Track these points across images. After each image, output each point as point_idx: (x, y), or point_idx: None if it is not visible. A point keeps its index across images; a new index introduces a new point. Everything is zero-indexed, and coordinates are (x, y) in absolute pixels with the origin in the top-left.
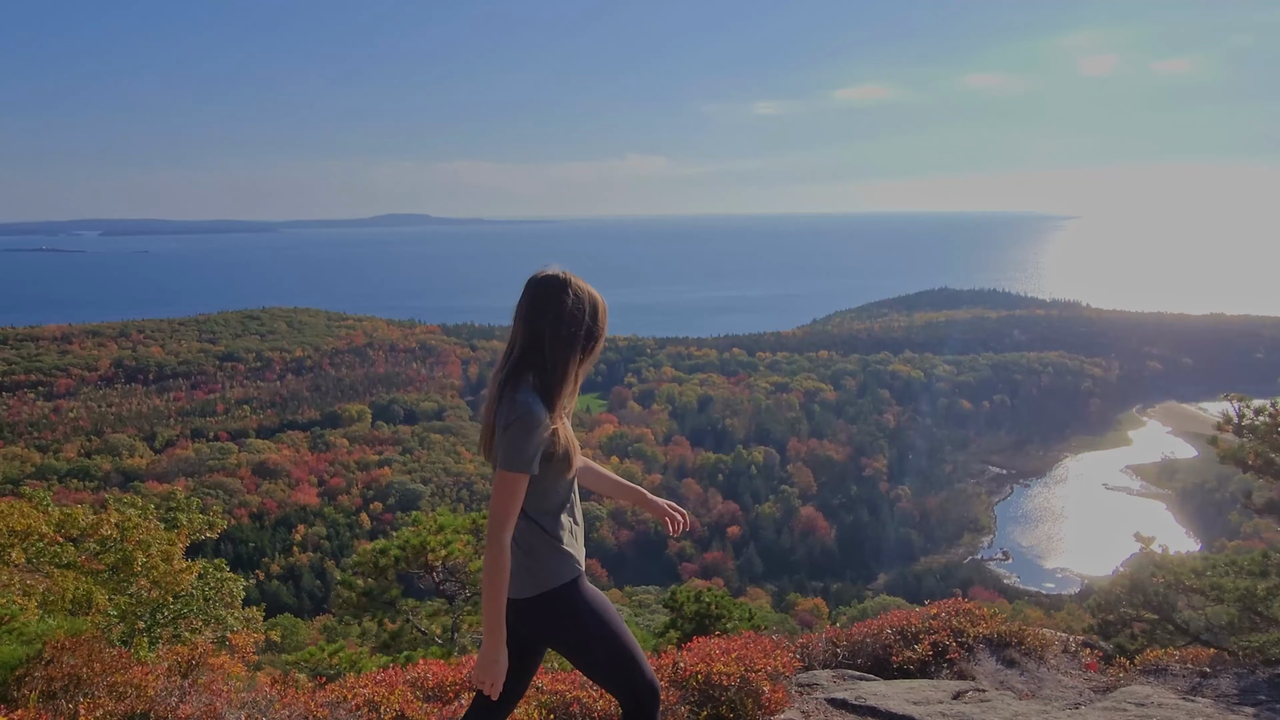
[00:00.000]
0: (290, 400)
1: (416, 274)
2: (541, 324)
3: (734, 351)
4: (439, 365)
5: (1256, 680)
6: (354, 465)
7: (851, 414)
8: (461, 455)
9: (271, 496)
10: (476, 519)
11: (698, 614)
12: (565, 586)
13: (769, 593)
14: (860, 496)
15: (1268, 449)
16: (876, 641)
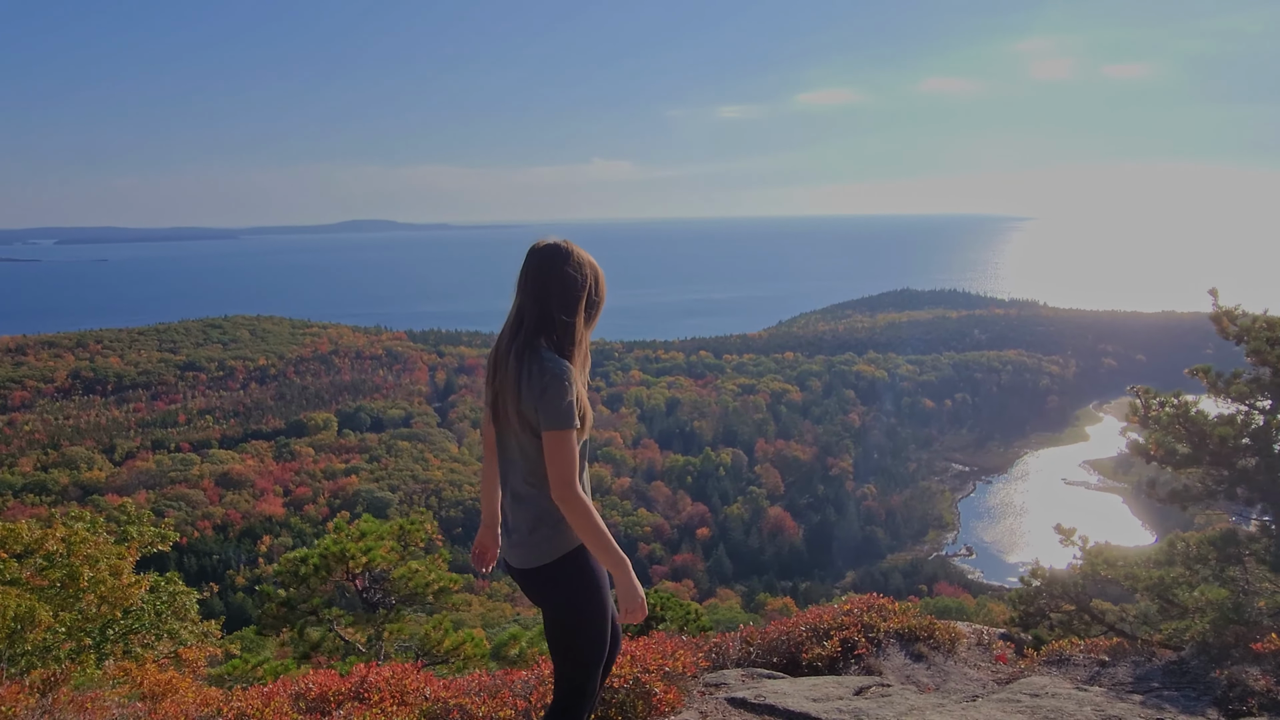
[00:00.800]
0: (254, 409)
1: (382, 280)
2: (547, 292)
3: (701, 354)
4: (405, 372)
5: (1152, 668)
6: (320, 474)
7: (817, 414)
8: (430, 462)
9: (235, 507)
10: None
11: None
12: (573, 554)
13: (739, 593)
14: (827, 496)
15: (1170, 439)
16: (790, 639)
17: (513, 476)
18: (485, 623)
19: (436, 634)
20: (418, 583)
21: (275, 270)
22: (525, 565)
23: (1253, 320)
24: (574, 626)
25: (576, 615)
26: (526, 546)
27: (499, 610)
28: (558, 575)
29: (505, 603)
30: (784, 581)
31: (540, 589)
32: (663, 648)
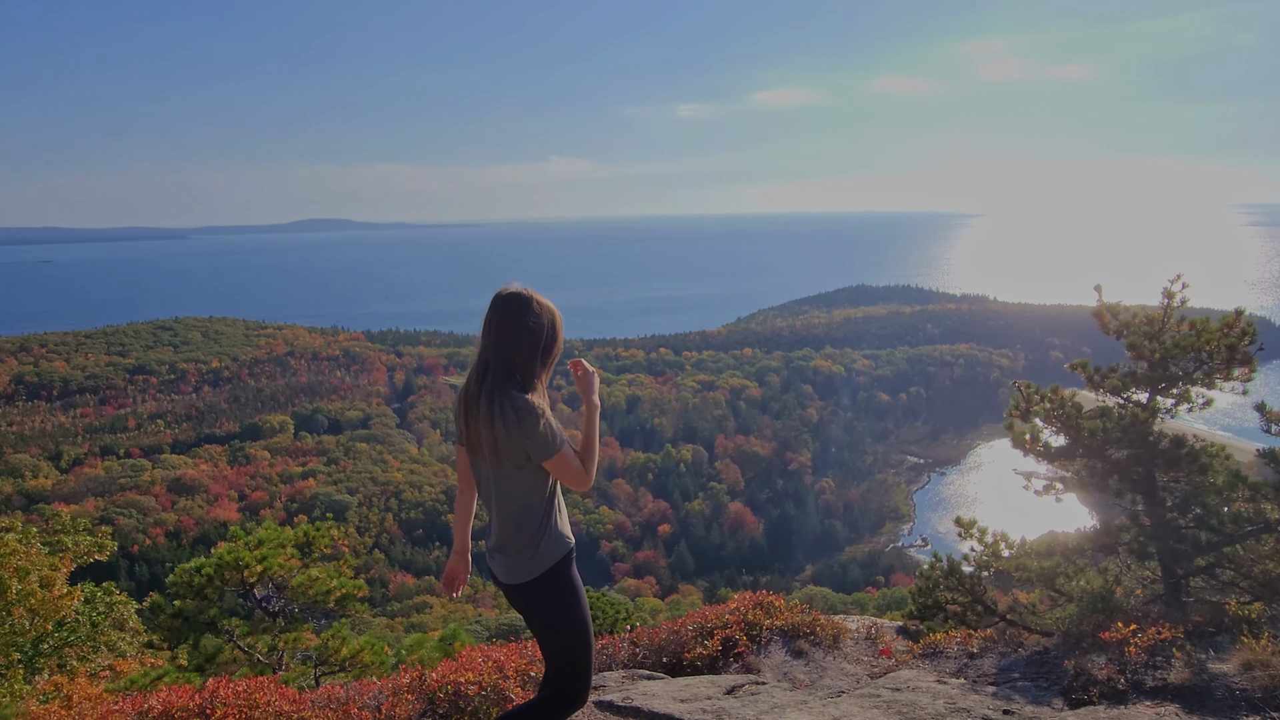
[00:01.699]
0: (207, 413)
1: (339, 280)
2: (511, 339)
3: (661, 351)
4: (364, 373)
5: (1017, 659)
6: (276, 478)
7: (776, 410)
8: (389, 464)
9: (189, 513)
10: (308, 531)
11: None
12: (563, 560)
13: (701, 589)
14: (786, 490)
15: (1047, 433)
16: (676, 639)
17: (497, 502)
18: (446, 624)
19: (334, 642)
20: (318, 590)
21: (228, 271)
22: (517, 581)
23: (1133, 315)
24: (566, 632)
25: (566, 622)
26: (517, 564)
27: (460, 612)
28: (547, 588)
29: (467, 604)
30: (745, 576)
31: (532, 601)
32: (531, 652)
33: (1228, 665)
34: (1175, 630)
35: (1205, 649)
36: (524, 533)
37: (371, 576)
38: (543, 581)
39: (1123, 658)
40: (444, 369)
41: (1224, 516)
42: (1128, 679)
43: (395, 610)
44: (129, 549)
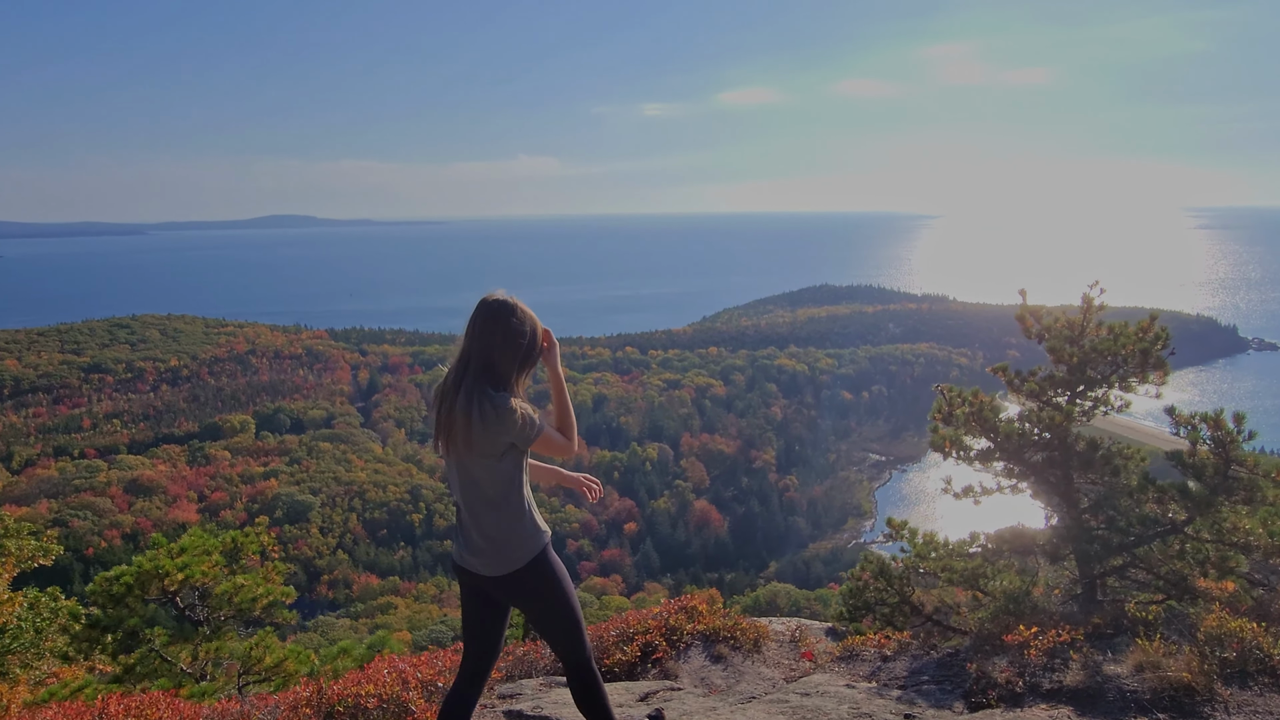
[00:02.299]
0: (165, 412)
1: (302, 277)
2: (492, 342)
3: (627, 350)
4: (327, 371)
5: (929, 661)
6: (237, 478)
7: (741, 408)
8: (353, 463)
9: (146, 515)
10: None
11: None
12: (543, 551)
13: (666, 587)
14: (751, 488)
15: (967, 437)
16: (599, 646)
17: (474, 498)
18: (412, 625)
19: (257, 651)
20: (243, 598)
21: (188, 267)
22: (503, 571)
23: (1054, 320)
24: (563, 608)
25: (556, 605)
26: (502, 555)
27: (425, 612)
28: (534, 574)
29: (432, 604)
30: (710, 573)
31: (521, 590)
32: (441, 662)
33: (1122, 667)
34: (1075, 632)
35: (1104, 650)
36: (504, 524)
37: (335, 578)
38: (527, 570)
39: (1023, 660)
40: (409, 368)
41: (1134, 518)
42: (1026, 682)
43: (359, 611)
44: (84, 552)
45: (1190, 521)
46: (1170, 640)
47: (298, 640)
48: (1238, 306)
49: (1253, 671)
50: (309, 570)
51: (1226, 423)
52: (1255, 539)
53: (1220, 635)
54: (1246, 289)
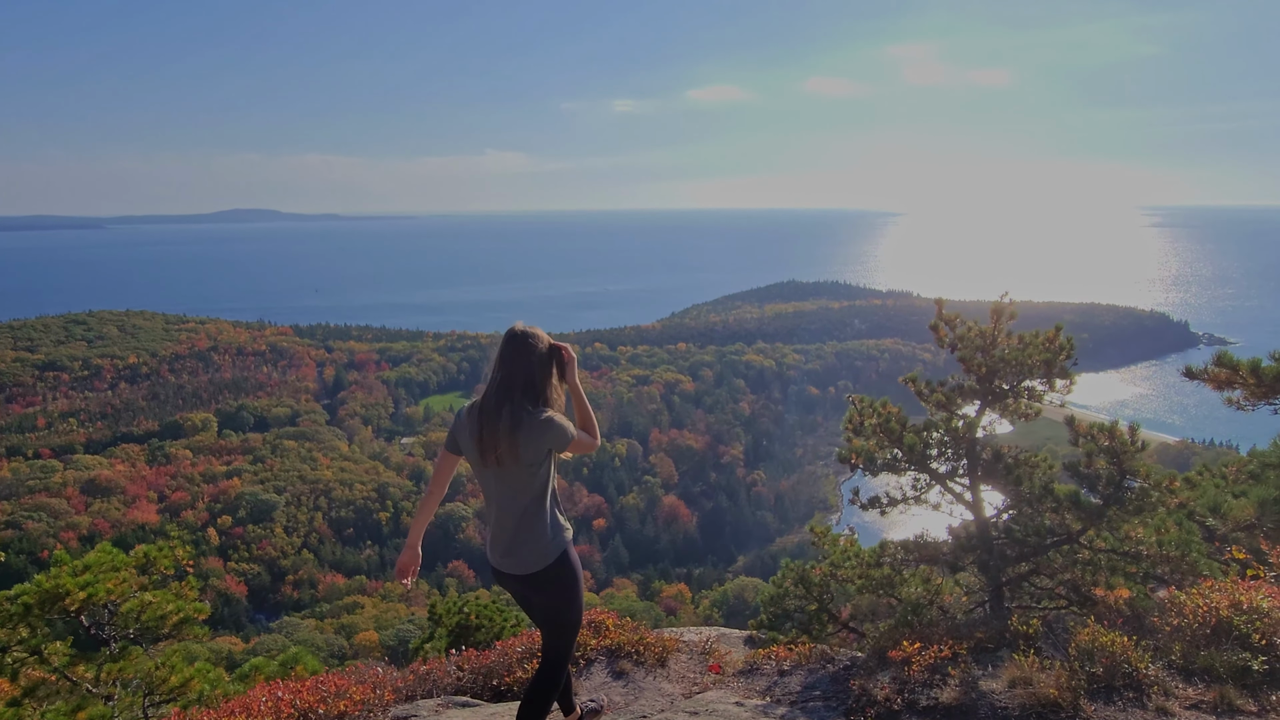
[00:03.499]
0: (124, 411)
1: (265, 273)
2: (522, 364)
3: (596, 346)
4: (292, 368)
5: (823, 675)
6: (199, 477)
7: (709, 404)
8: (319, 461)
9: (104, 516)
10: (149, 552)
11: (458, 625)
12: (566, 550)
13: (635, 582)
14: (719, 483)
15: (874, 448)
16: (503, 663)
17: (512, 505)
18: (379, 625)
19: (162, 671)
20: (151, 615)
21: (146, 262)
22: (534, 569)
23: (968, 328)
24: (570, 614)
25: (574, 598)
26: (535, 553)
27: (393, 611)
28: (560, 571)
29: (400, 603)
30: (679, 568)
31: (546, 585)
32: (335, 684)
33: (997, 683)
34: (959, 647)
35: (986, 665)
36: (538, 524)
37: (300, 578)
38: (553, 567)
39: (905, 677)
40: (376, 364)
41: (1031, 528)
42: (904, 699)
43: (325, 612)
44: (38, 554)
45: (1084, 531)
46: (1045, 655)
47: (260, 642)
48: (1189, 303)
49: (1119, 686)
50: (273, 570)
51: (1123, 434)
52: (1146, 548)
53: (1091, 650)
54: (1198, 286)
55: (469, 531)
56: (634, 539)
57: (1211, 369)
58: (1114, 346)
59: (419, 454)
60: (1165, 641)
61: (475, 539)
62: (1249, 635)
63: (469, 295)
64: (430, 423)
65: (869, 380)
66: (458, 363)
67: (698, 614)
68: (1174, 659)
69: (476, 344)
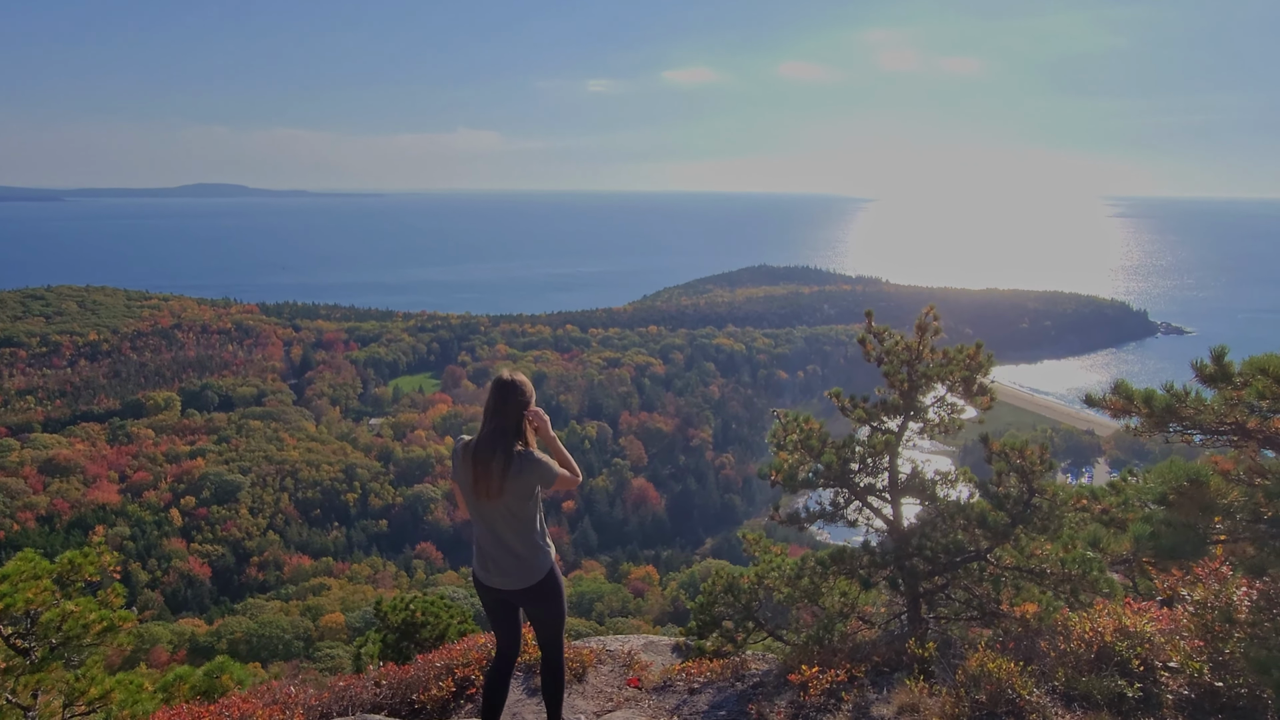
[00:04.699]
0: (84, 389)
1: (231, 249)
2: (510, 410)
3: (567, 328)
4: (258, 347)
5: (730, 695)
6: (161, 457)
7: (679, 387)
8: (285, 442)
9: (63, 496)
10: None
11: (404, 623)
12: (553, 567)
13: (603, 564)
14: (688, 466)
15: (794, 464)
16: (421, 679)
17: (508, 531)
18: (345, 606)
19: (81, 683)
20: (72, 625)
21: (107, 236)
22: (529, 583)
23: (895, 342)
24: (562, 613)
25: (562, 606)
26: (528, 570)
27: (360, 593)
28: (550, 583)
29: (366, 585)
30: (647, 550)
31: (540, 596)
32: (240, 708)
33: (888, 708)
34: (856, 670)
35: (882, 689)
36: (530, 545)
37: (266, 559)
38: (543, 583)
39: (801, 701)
40: (344, 344)
41: (940, 546)
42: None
43: (291, 593)
44: None
45: (993, 549)
46: (936, 680)
47: (224, 623)
48: (1149, 292)
49: (1001, 713)
50: (238, 552)
51: (1032, 454)
52: (1050, 566)
53: (979, 676)
54: (1157, 276)
55: (437, 513)
56: (603, 521)
57: (1109, 397)
58: (1075, 334)
59: (387, 435)
60: (1051, 666)
61: (443, 520)
62: (1130, 661)
63: (440, 275)
64: (399, 403)
65: (837, 365)
66: (427, 343)
67: (665, 595)
68: (1057, 684)
69: (447, 324)
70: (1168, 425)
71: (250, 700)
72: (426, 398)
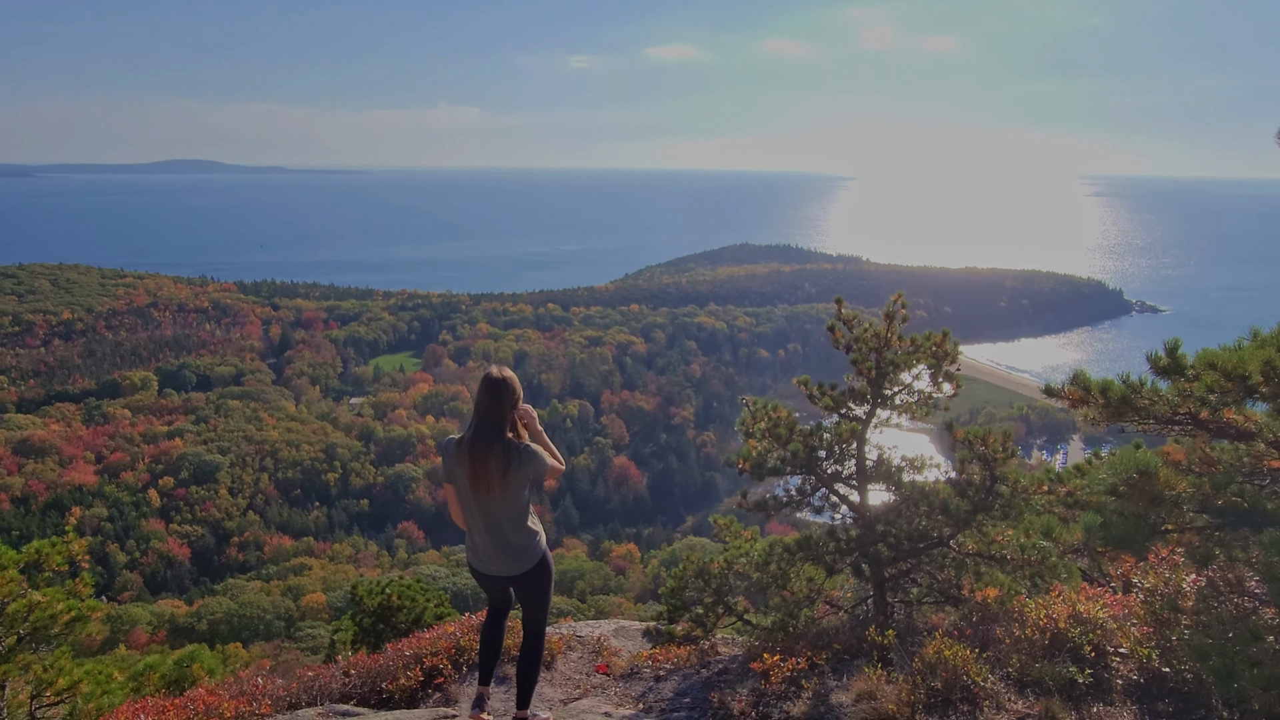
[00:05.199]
0: (58, 369)
1: (207, 227)
2: (506, 405)
3: (549, 306)
4: (236, 326)
5: (695, 682)
6: (139, 438)
7: (661, 365)
8: (265, 421)
9: (39, 477)
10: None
11: (380, 606)
12: (545, 552)
13: (585, 542)
14: (669, 444)
15: (762, 452)
16: (390, 668)
17: (505, 522)
18: (327, 586)
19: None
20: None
21: (80, 213)
22: (523, 570)
23: (864, 329)
24: (549, 595)
25: (551, 588)
26: (525, 556)
27: (341, 573)
28: (544, 568)
29: (348, 564)
30: (629, 528)
31: (535, 580)
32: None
33: (847, 695)
34: (817, 658)
35: (842, 675)
36: (524, 533)
37: (246, 539)
38: (537, 567)
39: (762, 689)
40: (324, 323)
41: (904, 534)
42: (758, 712)
43: (272, 573)
44: None
45: (955, 535)
46: (894, 668)
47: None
48: (1125, 271)
49: (955, 700)
50: (218, 532)
51: (995, 441)
52: (1010, 552)
53: (935, 663)
54: (1133, 255)
55: (419, 493)
56: (585, 499)
57: (1068, 388)
58: (1052, 312)
59: (368, 414)
60: (1006, 653)
61: (425, 499)
62: (1082, 647)
63: (420, 253)
64: (380, 383)
65: (818, 344)
66: (408, 322)
67: (646, 573)
68: (1011, 671)
69: (428, 303)
70: (1124, 416)
71: (217, 693)
72: (407, 377)
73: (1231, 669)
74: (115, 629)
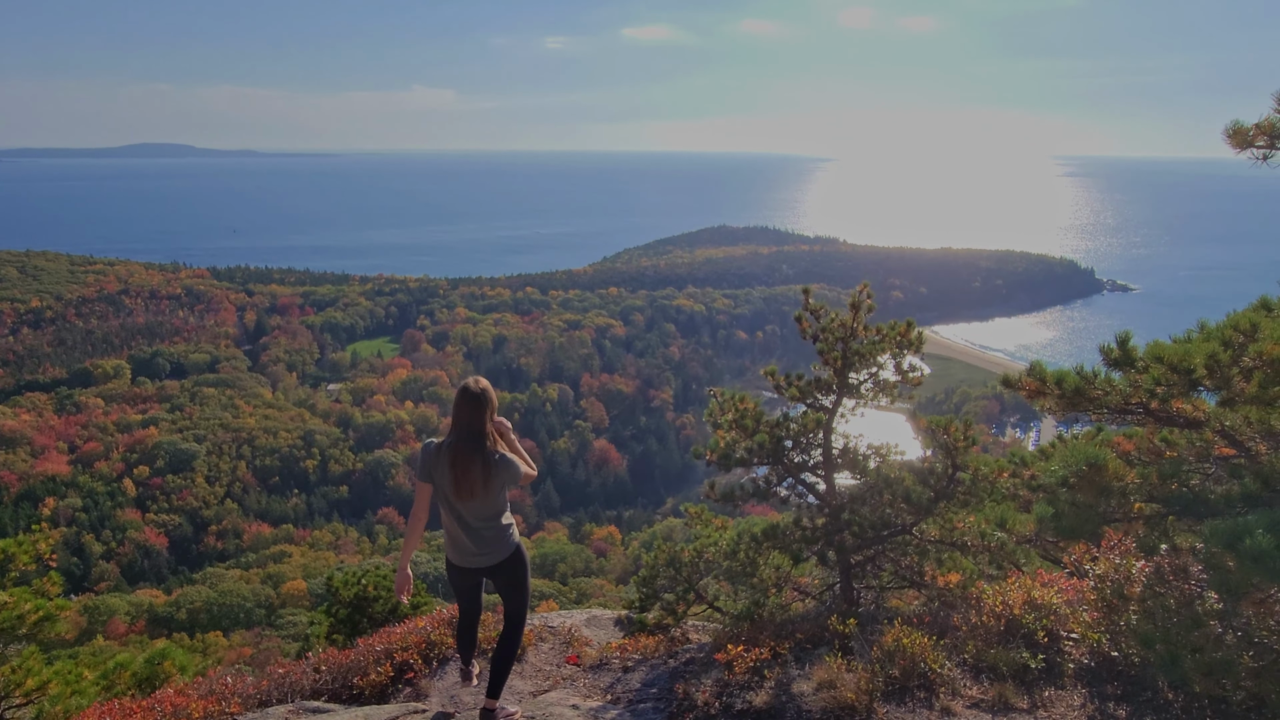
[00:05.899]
0: (28, 357)
1: (179, 212)
2: (485, 415)
3: (527, 290)
4: (210, 313)
5: (663, 672)
6: (112, 427)
7: (640, 348)
8: (241, 409)
9: (10, 468)
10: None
11: (356, 598)
12: (520, 543)
13: (566, 525)
14: (649, 427)
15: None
16: (360, 664)
17: (481, 522)
18: (308, 574)
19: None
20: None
21: (46, 199)
22: (499, 560)
23: (831, 319)
24: (527, 583)
25: (527, 575)
26: (501, 548)
27: (321, 560)
28: (519, 558)
29: (328, 551)
30: (609, 511)
31: (511, 570)
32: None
33: (808, 684)
34: (780, 647)
35: (805, 665)
36: (499, 529)
37: (224, 528)
38: (511, 558)
39: (726, 679)
40: (300, 309)
41: (868, 522)
42: (721, 702)
43: (251, 562)
44: None
45: (917, 523)
46: (854, 656)
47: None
48: (1097, 251)
49: (913, 687)
50: (195, 521)
51: (957, 430)
52: (970, 538)
53: (894, 651)
54: (1104, 234)
55: (399, 478)
56: (565, 483)
57: (1025, 379)
58: (1026, 292)
59: (346, 400)
60: (963, 640)
61: (405, 485)
62: (1036, 632)
63: (397, 238)
64: (358, 368)
65: (795, 326)
66: (385, 307)
67: (627, 555)
68: (968, 657)
69: (405, 288)
70: (1079, 406)
71: (185, 693)
72: (385, 362)
73: (1175, 654)
74: (93, 620)
